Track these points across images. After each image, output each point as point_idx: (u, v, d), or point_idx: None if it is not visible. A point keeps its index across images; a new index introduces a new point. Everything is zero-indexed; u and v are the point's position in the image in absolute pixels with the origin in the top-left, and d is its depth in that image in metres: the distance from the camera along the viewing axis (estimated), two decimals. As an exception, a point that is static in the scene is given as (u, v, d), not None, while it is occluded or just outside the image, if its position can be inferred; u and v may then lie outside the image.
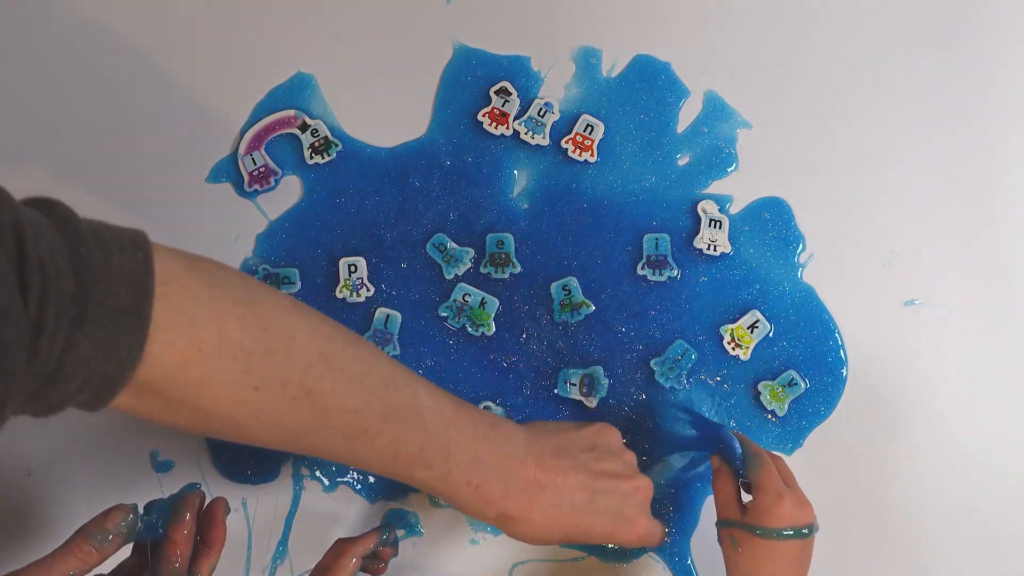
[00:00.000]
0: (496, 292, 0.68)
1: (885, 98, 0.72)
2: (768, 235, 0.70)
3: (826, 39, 0.72)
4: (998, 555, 0.67)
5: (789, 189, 0.70)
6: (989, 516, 0.67)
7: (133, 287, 0.39)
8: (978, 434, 0.68)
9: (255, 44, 0.72)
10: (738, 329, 0.68)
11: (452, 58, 0.71)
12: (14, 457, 0.67)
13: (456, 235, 0.69)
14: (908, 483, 0.68)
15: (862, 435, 0.68)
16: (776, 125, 0.71)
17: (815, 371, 0.68)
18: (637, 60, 0.71)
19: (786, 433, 0.68)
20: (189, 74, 0.71)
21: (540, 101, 0.70)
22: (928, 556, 0.67)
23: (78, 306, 0.37)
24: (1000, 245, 0.70)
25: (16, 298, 0.34)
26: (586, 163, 0.70)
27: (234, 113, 0.70)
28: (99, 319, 0.38)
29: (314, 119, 0.70)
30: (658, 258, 0.69)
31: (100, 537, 0.50)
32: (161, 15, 0.71)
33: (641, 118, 0.71)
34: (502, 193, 0.70)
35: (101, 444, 0.67)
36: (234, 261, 0.68)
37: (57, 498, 0.67)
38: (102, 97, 0.70)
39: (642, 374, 0.68)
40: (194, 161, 0.70)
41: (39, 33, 0.71)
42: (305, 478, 0.67)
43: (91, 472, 0.67)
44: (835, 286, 0.69)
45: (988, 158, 0.71)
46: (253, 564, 0.67)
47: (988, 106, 0.72)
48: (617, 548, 0.66)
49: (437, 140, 0.70)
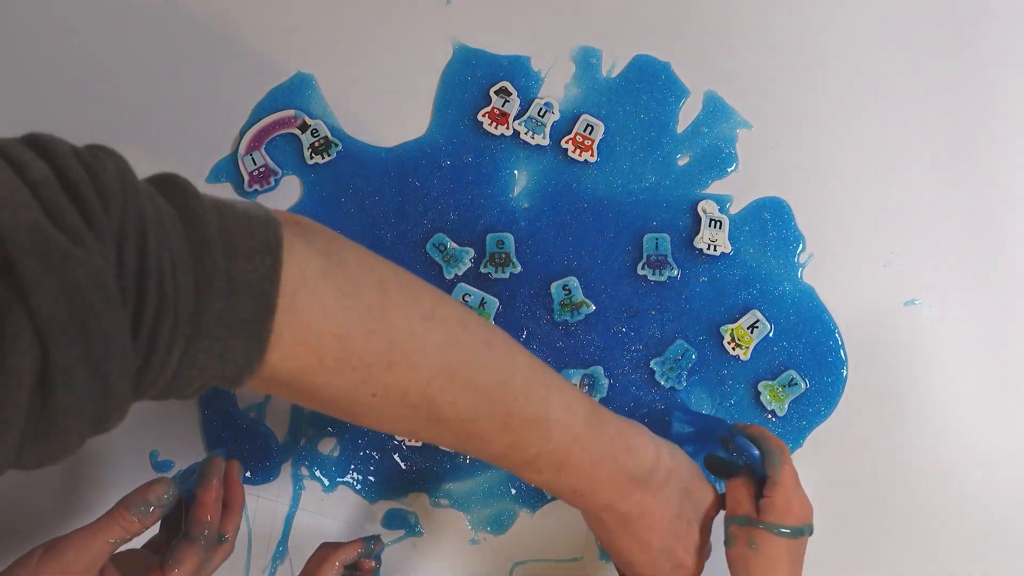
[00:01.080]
0: (496, 292, 0.68)
1: (885, 98, 0.72)
2: (768, 235, 0.70)
3: (826, 39, 0.72)
4: (998, 554, 0.67)
5: (789, 189, 0.70)
6: (989, 515, 0.68)
7: (256, 301, 0.37)
8: (978, 434, 0.68)
9: (255, 44, 0.72)
10: (738, 329, 0.68)
11: (452, 58, 0.71)
12: (14, 457, 0.67)
13: (456, 235, 0.69)
14: (908, 483, 0.68)
15: (862, 435, 0.68)
16: (776, 125, 0.71)
17: (815, 371, 0.68)
18: (637, 60, 0.71)
19: (786, 433, 0.68)
20: (189, 74, 0.71)
21: (540, 101, 0.70)
22: (928, 555, 0.67)
23: (194, 324, 0.35)
24: (1000, 245, 0.70)
25: (123, 325, 0.33)
26: (586, 163, 0.70)
27: (234, 113, 0.70)
28: (217, 334, 0.36)
29: (314, 119, 0.70)
30: (658, 258, 0.69)
31: (143, 508, 0.51)
32: (161, 15, 0.71)
33: (641, 118, 0.71)
34: (502, 193, 0.70)
35: (101, 444, 0.67)
36: (234, 261, 0.68)
37: (57, 498, 0.67)
38: (102, 97, 0.70)
39: (642, 374, 0.68)
40: (194, 161, 0.70)
41: (39, 33, 0.71)
42: (305, 478, 0.67)
43: (91, 472, 0.67)
44: (835, 286, 0.69)
45: (988, 158, 0.71)
46: (253, 564, 0.67)
47: (988, 106, 0.72)
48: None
49: (437, 140, 0.70)
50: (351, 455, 0.68)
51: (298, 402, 0.46)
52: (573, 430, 0.49)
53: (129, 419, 0.68)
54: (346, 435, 0.68)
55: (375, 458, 0.68)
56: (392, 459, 0.68)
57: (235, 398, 0.68)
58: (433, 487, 0.68)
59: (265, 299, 0.37)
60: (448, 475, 0.68)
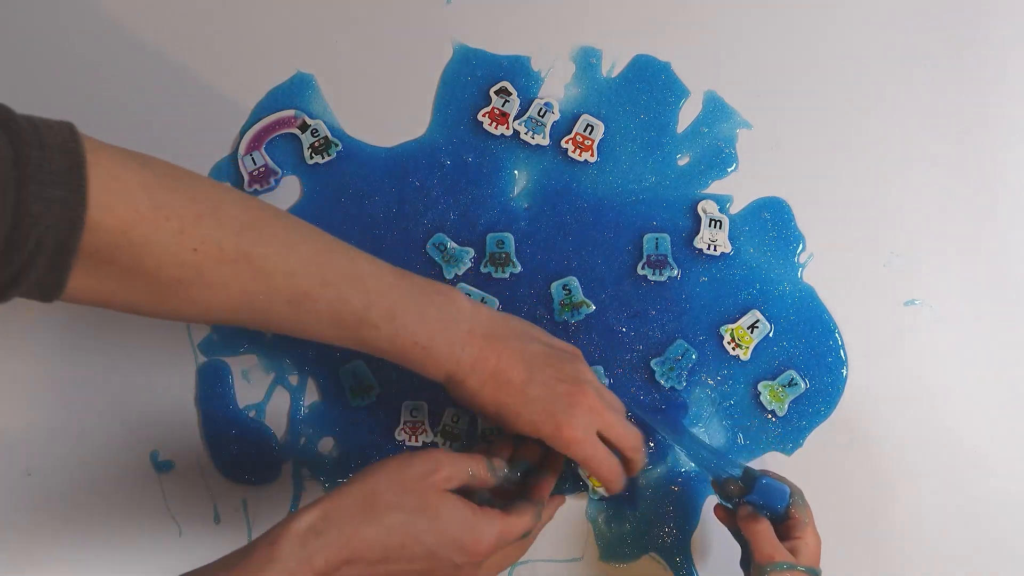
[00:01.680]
0: (496, 292, 0.68)
1: (885, 98, 0.72)
2: (768, 235, 0.70)
3: (826, 39, 0.72)
4: (998, 554, 0.67)
5: (789, 189, 0.70)
6: (989, 515, 0.68)
7: (66, 153, 0.44)
8: (978, 433, 0.68)
9: (255, 44, 0.72)
10: (738, 329, 0.68)
11: (452, 58, 0.71)
12: (14, 457, 0.67)
13: (456, 235, 0.69)
14: (908, 483, 0.68)
15: (862, 435, 0.68)
16: (776, 125, 0.71)
17: (815, 371, 0.68)
18: (637, 60, 0.71)
19: (786, 433, 0.68)
20: (189, 74, 0.71)
21: (540, 101, 0.70)
22: (928, 555, 0.67)
23: (19, 168, 0.42)
24: (1000, 245, 0.70)
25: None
26: (586, 163, 0.70)
27: (234, 113, 0.70)
28: (40, 179, 0.43)
29: (314, 119, 0.70)
30: (658, 258, 0.69)
31: (494, 470, 0.55)
32: (161, 15, 0.71)
33: (641, 118, 0.71)
34: (502, 193, 0.70)
35: (101, 444, 0.67)
36: (234, 261, 0.68)
37: (57, 498, 0.67)
38: (102, 97, 0.70)
39: (642, 374, 0.68)
40: (194, 161, 0.69)
41: (38, 34, 0.71)
42: (305, 478, 0.67)
43: (91, 472, 0.67)
44: (835, 286, 0.69)
45: (988, 158, 0.71)
46: (253, 564, 0.67)
47: (988, 106, 0.72)
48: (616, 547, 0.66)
49: (437, 140, 0.70)
50: (351, 455, 0.68)
51: (135, 300, 0.50)
52: (385, 279, 0.55)
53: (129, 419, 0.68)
54: (346, 435, 0.68)
55: (375, 458, 0.68)
56: (392, 459, 0.68)
57: (235, 398, 0.68)
58: (433, 487, 0.68)
59: (73, 152, 0.44)
60: (448, 475, 0.68)
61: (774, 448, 0.68)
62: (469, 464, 0.53)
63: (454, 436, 0.67)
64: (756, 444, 0.68)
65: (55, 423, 0.67)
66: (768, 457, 0.68)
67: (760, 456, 0.68)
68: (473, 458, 0.54)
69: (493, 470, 0.55)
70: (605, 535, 0.67)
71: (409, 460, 0.51)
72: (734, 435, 0.68)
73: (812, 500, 0.58)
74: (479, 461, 0.54)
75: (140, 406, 0.68)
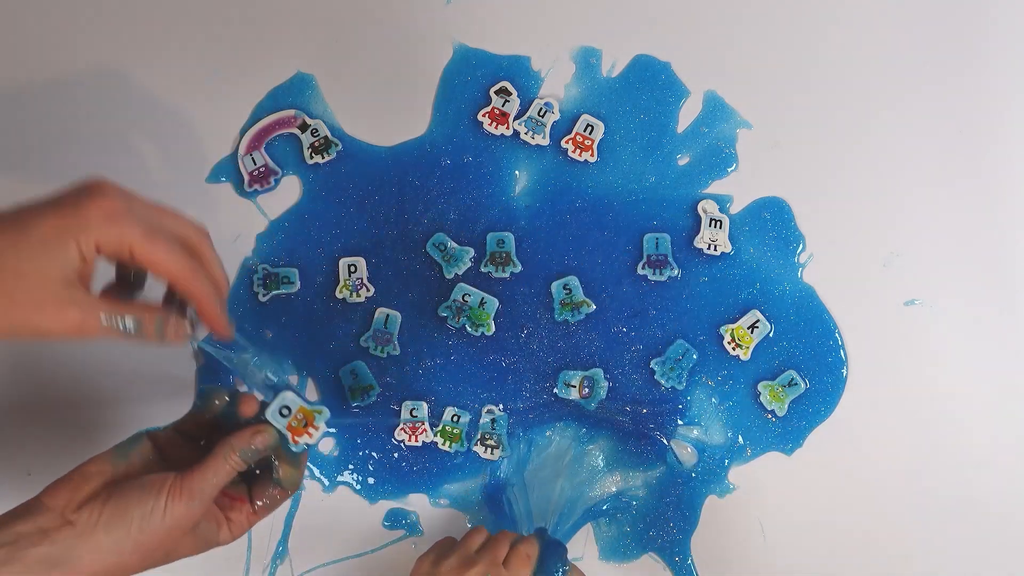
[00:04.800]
0: (496, 291, 0.68)
1: (885, 98, 0.72)
2: (768, 235, 0.70)
3: (826, 39, 0.72)
4: (998, 554, 0.67)
5: (789, 189, 0.70)
6: (989, 515, 0.68)
7: None
8: (978, 433, 0.68)
9: (255, 44, 0.72)
10: (738, 329, 0.68)
11: (452, 58, 0.71)
12: (14, 457, 0.67)
13: (456, 234, 0.69)
14: (908, 482, 0.68)
15: (862, 435, 0.68)
16: (776, 125, 0.71)
17: (815, 371, 0.68)
18: (637, 60, 0.71)
19: (786, 433, 0.68)
20: (189, 74, 0.71)
21: (540, 101, 0.70)
22: (928, 555, 0.67)
23: None
24: (1000, 245, 0.70)
25: None
26: (586, 163, 0.70)
27: (234, 113, 0.70)
28: None
29: (314, 119, 0.70)
30: (658, 258, 0.69)
31: (249, 454, 0.52)
32: (161, 15, 0.71)
33: (641, 118, 0.71)
34: (502, 192, 0.70)
35: (101, 444, 0.67)
36: (234, 261, 0.68)
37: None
38: (102, 97, 0.70)
39: (642, 374, 0.68)
40: (194, 161, 0.70)
41: (38, 34, 0.71)
42: (305, 478, 0.67)
43: (91, 472, 0.67)
44: (835, 286, 0.69)
45: (988, 158, 0.71)
46: (253, 564, 0.67)
47: (988, 106, 0.72)
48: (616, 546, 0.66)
49: (437, 140, 0.70)
50: (351, 455, 0.68)
51: None
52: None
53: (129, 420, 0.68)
54: (346, 435, 0.68)
55: (375, 458, 0.68)
56: (392, 459, 0.68)
57: (235, 398, 0.68)
58: (433, 487, 0.68)
59: None
60: (448, 475, 0.68)
61: (774, 448, 0.68)
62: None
63: (454, 436, 0.67)
64: (756, 444, 0.68)
65: (55, 423, 0.67)
66: (768, 457, 0.68)
67: (760, 456, 0.68)
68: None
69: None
70: (605, 535, 0.67)
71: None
72: (734, 435, 0.68)
73: (812, 500, 0.58)
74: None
75: (140, 406, 0.68)
